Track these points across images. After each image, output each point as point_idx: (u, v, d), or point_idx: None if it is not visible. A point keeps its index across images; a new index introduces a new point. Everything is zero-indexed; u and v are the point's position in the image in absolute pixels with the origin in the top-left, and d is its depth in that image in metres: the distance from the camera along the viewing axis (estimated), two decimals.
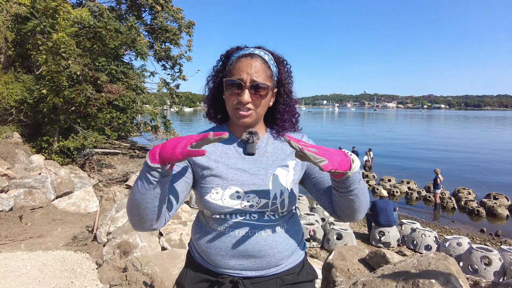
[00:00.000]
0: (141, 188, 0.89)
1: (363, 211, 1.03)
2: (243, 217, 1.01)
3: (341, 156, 0.88)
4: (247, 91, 0.99)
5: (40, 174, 6.38)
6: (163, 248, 3.70)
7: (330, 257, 2.70)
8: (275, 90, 1.10)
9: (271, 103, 1.10)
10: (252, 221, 1.01)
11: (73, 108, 9.28)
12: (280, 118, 1.12)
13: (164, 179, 0.89)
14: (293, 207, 1.09)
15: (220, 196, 1.00)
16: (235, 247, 1.00)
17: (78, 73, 8.44)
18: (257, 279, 1.02)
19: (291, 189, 1.05)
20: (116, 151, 13.51)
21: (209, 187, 1.01)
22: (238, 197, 1.00)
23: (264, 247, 1.00)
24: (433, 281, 1.45)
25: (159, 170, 0.86)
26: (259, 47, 1.07)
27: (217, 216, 1.02)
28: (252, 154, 1.06)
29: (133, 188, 0.91)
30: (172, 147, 0.83)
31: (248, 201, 1.00)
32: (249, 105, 1.00)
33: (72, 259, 3.39)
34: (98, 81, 9.31)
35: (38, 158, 7.68)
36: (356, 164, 0.90)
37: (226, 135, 0.82)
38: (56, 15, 8.61)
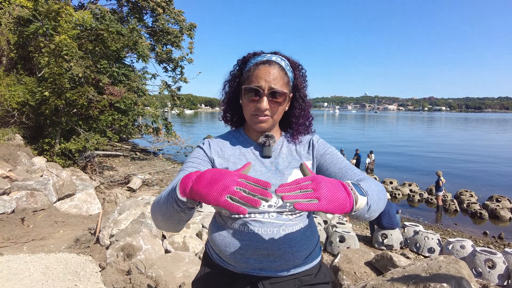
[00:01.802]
0: (168, 210, 0.85)
1: (377, 213, 0.97)
2: (262, 216, 1.01)
3: (341, 198, 0.72)
4: (265, 99, 1.02)
5: (42, 176, 6.38)
6: (166, 251, 3.69)
7: (336, 260, 2.67)
8: (291, 95, 1.12)
9: (286, 108, 1.13)
10: (270, 220, 1.01)
11: (75, 110, 9.30)
12: (295, 122, 1.15)
13: (193, 211, 0.85)
14: None
15: None
16: (254, 245, 1.00)
17: (80, 75, 8.45)
18: (275, 279, 1.02)
19: None
20: (118, 153, 13.49)
21: None
22: None
23: (282, 245, 1.00)
24: (445, 285, 1.42)
25: (189, 204, 0.80)
26: (275, 53, 1.10)
27: (236, 216, 1.03)
28: (269, 157, 1.10)
29: (162, 203, 0.87)
30: (208, 186, 0.71)
31: (266, 201, 1.00)
32: (267, 112, 1.04)
33: (75, 262, 3.37)
34: (100, 83, 9.33)
35: (40, 160, 7.67)
36: (361, 203, 0.77)
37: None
38: (58, 18, 8.63)
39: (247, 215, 1.01)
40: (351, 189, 0.77)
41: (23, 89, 8.80)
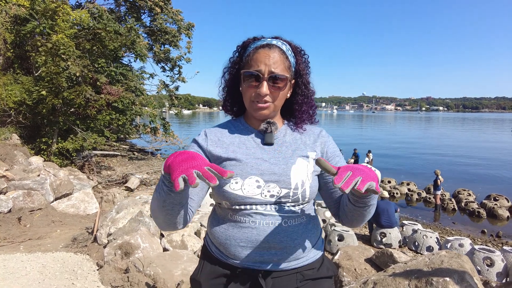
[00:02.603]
0: (158, 196, 0.87)
1: (367, 219, 1.02)
2: (264, 208, 0.98)
3: (370, 171, 0.81)
4: (265, 83, 0.97)
5: (39, 175, 6.33)
6: (165, 249, 3.66)
7: (336, 257, 2.66)
8: (293, 81, 1.08)
9: (288, 95, 1.09)
10: (272, 212, 0.98)
11: (72, 109, 9.24)
12: (298, 109, 1.11)
13: (174, 192, 0.82)
14: (313, 198, 1.07)
15: (240, 186, 0.97)
16: (255, 238, 0.97)
17: (78, 74, 8.41)
18: (277, 273, 0.99)
19: (312, 179, 1.03)
20: (115, 153, 13.43)
21: None
22: (258, 187, 0.97)
23: (284, 238, 0.97)
24: (447, 279, 1.41)
25: (167, 179, 0.81)
26: (276, 37, 1.05)
27: (237, 207, 0.99)
28: (271, 144, 1.05)
29: (153, 194, 0.90)
30: (182, 161, 0.74)
31: (268, 191, 0.97)
32: (267, 97, 0.99)
33: (72, 261, 3.35)
34: (98, 83, 9.27)
35: (37, 160, 7.62)
36: (379, 175, 0.86)
37: (231, 174, 0.73)
38: (56, 17, 8.59)
39: (247, 207, 0.98)
40: (371, 167, 0.90)
41: (20, 88, 8.74)
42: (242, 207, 0.98)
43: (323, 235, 6.38)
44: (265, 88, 0.97)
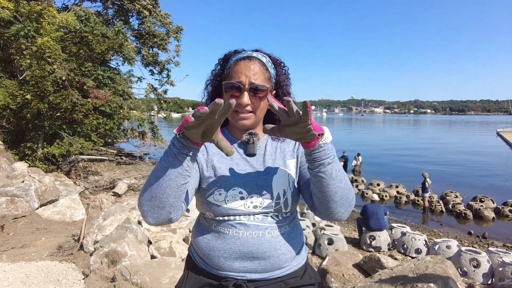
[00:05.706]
0: (164, 162, 0.85)
1: (342, 204, 0.94)
2: (247, 219, 1.00)
3: (317, 124, 0.86)
4: (246, 94, 0.99)
5: (23, 182, 6.18)
6: (152, 257, 3.61)
7: (324, 263, 2.66)
8: (274, 92, 1.10)
9: None
10: (256, 223, 1.00)
11: (59, 114, 9.07)
12: (279, 119, 1.11)
13: (185, 151, 0.85)
14: (296, 207, 1.10)
15: (224, 198, 1.00)
16: (239, 248, 0.99)
17: (64, 78, 8.27)
18: (261, 282, 1.01)
19: (294, 188, 1.06)
20: (103, 157, 13.26)
21: (212, 188, 1.01)
22: (242, 198, 1.00)
23: (268, 248, 0.99)
24: (432, 285, 1.42)
25: (181, 138, 0.84)
26: (256, 50, 1.08)
27: (220, 218, 1.01)
28: (253, 155, 1.08)
29: (156, 167, 0.88)
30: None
31: (251, 202, 1.00)
32: (248, 108, 1.01)
33: (57, 270, 3.27)
34: (85, 87, 9.14)
35: (21, 166, 7.45)
36: (327, 134, 0.88)
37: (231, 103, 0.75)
38: (41, 19, 8.44)
39: (231, 218, 1.00)
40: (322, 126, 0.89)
41: (3, 92, 8.53)
42: (226, 218, 1.01)
43: (313, 239, 6.40)
44: (246, 98, 0.99)
